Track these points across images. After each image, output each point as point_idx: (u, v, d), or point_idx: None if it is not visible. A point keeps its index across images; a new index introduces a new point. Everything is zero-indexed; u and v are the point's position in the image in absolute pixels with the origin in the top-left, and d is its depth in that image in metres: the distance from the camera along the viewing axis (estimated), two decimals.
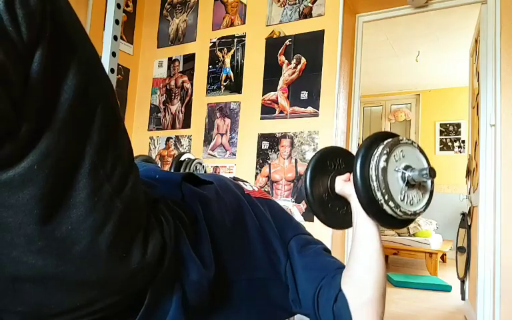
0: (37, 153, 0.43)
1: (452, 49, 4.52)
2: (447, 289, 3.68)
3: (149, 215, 0.60)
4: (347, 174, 0.87)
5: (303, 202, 2.57)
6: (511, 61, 2.23)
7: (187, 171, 1.24)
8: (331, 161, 0.90)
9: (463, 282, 2.98)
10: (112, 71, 1.90)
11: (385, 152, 0.73)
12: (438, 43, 4.39)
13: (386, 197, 0.71)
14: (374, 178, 0.72)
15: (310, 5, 2.74)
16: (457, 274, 3.08)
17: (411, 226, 4.68)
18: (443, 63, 4.95)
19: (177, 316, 0.61)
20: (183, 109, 3.20)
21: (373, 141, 0.76)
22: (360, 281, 0.75)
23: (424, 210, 0.75)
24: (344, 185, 0.86)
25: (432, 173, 0.73)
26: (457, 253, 3.12)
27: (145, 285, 0.58)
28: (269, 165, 2.74)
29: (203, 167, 1.31)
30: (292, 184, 2.64)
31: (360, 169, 0.73)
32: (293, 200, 2.61)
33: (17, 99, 0.40)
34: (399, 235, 4.69)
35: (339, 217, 0.89)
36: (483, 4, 2.42)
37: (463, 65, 4.53)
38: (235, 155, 2.90)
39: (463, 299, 2.98)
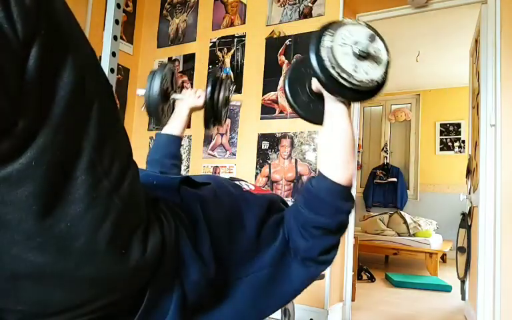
0: (34, 150, 0.43)
1: (452, 49, 4.52)
2: (447, 289, 3.68)
3: (148, 212, 0.60)
4: None
5: None
6: (511, 61, 2.23)
7: (223, 89, 1.25)
8: (306, 67, 0.97)
9: (463, 282, 2.98)
10: (112, 70, 1.90)
11: (330, 33, 0.82)
12: (438, 43, 4.39)
13: (338, 71, 0.79)
14: (326, 59, 0.80)
15: (310, 4, 2.74)
16: (457, 274, 3.08)
17: (411, 226, 4.68)
18: (443, 63, 4.95)
19: (176, 315, 0.61)
20: None
21: (321, 29, 0.84)
22: (329, 144, 0.86)
23: (383, 79, 0.82)
24: (316, 82, 0.92)
25: (375, 33, 0.83)
26: (457, 253, 3.12)
27: (144, 284, 0.58)
28: (269, 164, 2.74)
29: (233, 86, 1.34)
30: (292, 184, 2.64)
31: (314, 54, 0.81)
32: (293, 200, 2.61)
33: (14, 95, 0.41)
34: (399, 235, 4.69)
35: (321, 115, 0.97)
36: (483, 4, 2.42)
37: (463, 65, 4.52)
38: (234, 155, 2.90)
39: (463, 299, 2.98)
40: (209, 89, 1.24)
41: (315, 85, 0.94)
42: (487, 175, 2.27)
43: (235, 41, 3.02)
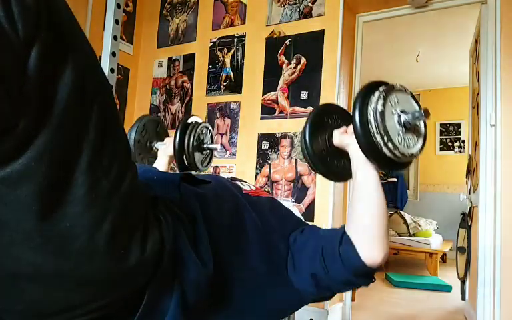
0: (34, 150, 0.43)
1: (452, 49, 4.51)
2: (447, 289, 3.68)
3: (147, 213, 0.60)
4: (344, 127, 0.91)
5: (303, 202, 2.57)
6: (511, 61, 2.23)
7: (193, 134, 1.24)
8: (328, 117, 0.95)
9: (463, 282, 2.98)
10: (112, 70, 1.90)
11: (382, 97, 0.76)
12: (438, 43, 4.39)
13: (385, 139, 0.74)
14: (372, 121, 0.75)
15: (310, 4, 2.74)
16: (457, 274, 3.08)
17: (411, 226, 4.68)
18: (443, 63, 4.95)
19: (176, 315, 0.61)
20: (183, 109, 3.20)
21: (368, 89, 0.79)
22: (362, 219, 0.78)
23: (420, 152, 0.79)
24: (341, 136, 0.89)
25: (426, 113, 0.78)
26: (457, 253, 3.12)
27: (144, 284, 0.58)
28: (269, 165, 2.74)
29: (210, 131, 1.31)
30: (292, 184, 2.64)
31: (359, 114, 0.76)
32: (293, 200, 2.61)
33: (14, 96, 0.41)
34: (399, 235, 4.69)
35: (337, 170, 0.94)
36: (483, 4, 2.42)
37: (463, 65, 4.52)
38: (234, 155, 2.90)
39: (463, 299, 2.98)
40: (177, 135, 1.23)
41: (338, 139, 0.89)
42: (486, 175, 2.27)
43: (235, 40, 3.02)
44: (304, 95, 2.66)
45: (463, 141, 5.79)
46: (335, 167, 0.93)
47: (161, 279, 0.60)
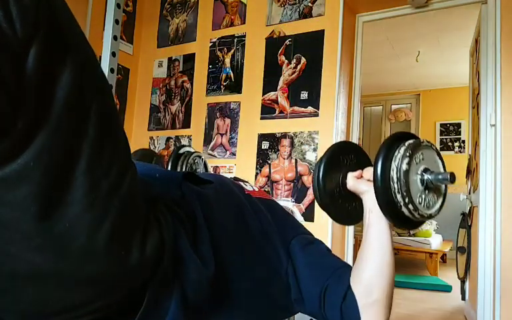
0: (32, 150, 0.43)
1: (452, 49, 4.52)
2: (447, 289, 3.68)
3: (147, 213, 0.60)
4: (359, 171, 0.86)
5: (303, 202, 2.57)
6: (511, 61, 2.23)
7: (185, 164, 1.24)
8: (344, 156, 0.89)
9: (463, 282, 2.98)
10: (112, 70, 1.90)
11: (407, 154, 0.71)
12: (438, 43, 4.39)
13: (406, 200, 0.70)
14: (395, 180, 0.70)
15: (310, 4, 2.74)
16: (457, 274, 3.08)
17: None
18: (443, 63, 4.95)
19: (176, 315, 0.61)
20: (183, 109, 3.20)
21: (394, 141, 0.74)
22: (370, 280, 0.75)
23: (438, 213, 0.74)
24: (357, 182, 0.85)
25: (452, 178, 0.72)
26: (457, 253, 3.12)
27: (144, 284, 0.58)
28: (269, 165, 2.74)
29: (202, 160, 1.31)
30: (292, 184, 2.64)
31: (381, 169, 0.72)
32: (293, 200, 2.61)
33: (13, 95, 0.40)
34: (399, 235, 4.69)
35: (347, 212, 0.89)
36: (483, 4, 2.42)
37: (463, 65, 4.53)
38: (234, 155, 2.90)
39: (463, 299, 2.98)
40: (168, 167, 1.23)
41: (353, 183, 0.84)
42: (486, 175, 2.27)
43: (235, 40, 3.02)
44: (304, 95, 2.66)
45: (463, 141, 5.79)
46: (345, 209, 0.88)
47: (161, 279, 0.60)
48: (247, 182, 1.00)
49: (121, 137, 0.56)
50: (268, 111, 2.80)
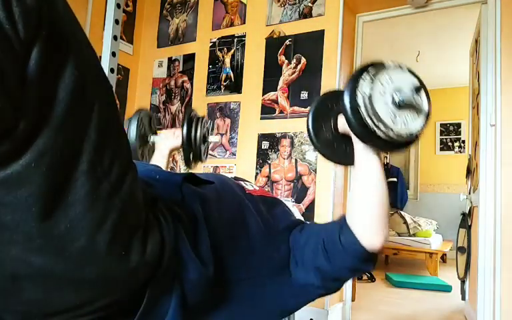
0: (34, 151, 0.43)
1: (452, 49, 4.52)
2: (447, 289, 3.68)
3: (148, 214, 0.60)
4: None
5: (303, 202, 2.57)
6: (511, 60, 2.23)
7: (199, 127, 1.27)
8: (332, 102, 0.92)
9: (463, 282, 2.98)
10: (112, 70, 1.90)
11: (370, 79, 0.75)
12: (438, 43, 4.39)
13: (375, 122, 0.73)
14: (362, 106, 0.73)
15: (310, 4, 2.74)
16: (457, 274, 3.08)
17: (411, 226, 4.68)
18: (443, 63, 4.95)
19: (176, 315, 0.61)
20: (183, 109, 3.20)
21: (358, 72, 0.77)
22: (361, 205, 0.79)
23: (421, 130, 0.76)
24: (345, 122, 0.87)
25: (421, 85, 0.76)
26: (457, 253, 3.12)
27: (144, 284, 0.58)
28: (269, 165, 2.74)
29: (210, 124, 1.35)
30: (292, 184, 2.64)
31: (349, 100, 0.75)
32: (292, 200, 2.61)
33: (14, 97, 0.40)
34: (399, 235, 4.69)
35: (347, 155, 0.91)
36: (483, 4, 2.42)
37: (463, 65, 4.52)
38: (234, 154, 2.90)
39: (463, 299, 2.98)
40: (185, 129, 1.25)
41: (342, 125, 0.88)
42: (486, 175, 2.27)
43: (235, 41, 3.02)
44: (304, 95, 2.66)
45: (463, 141, 5.79)
46: (344, 151, 0.91)
47: (161, 279, 0.60)
48: (247, 181, 1.00)
49: (122, 138, 0.56)
50: (268, 110, 2.80)
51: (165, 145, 1.35)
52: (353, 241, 0.77)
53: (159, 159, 1.32)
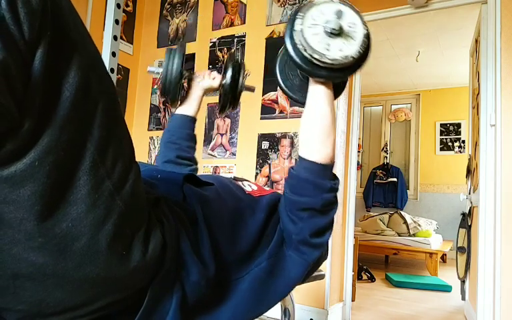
0: (38, 150, 0.43)
1: (452, 49, 4.52)
2: (447, 289, 3.68)
3: (149, 214, 0.60)
4: None
5: None
6: (511, 61, 2.23)
7: (242, 73, 1.25)
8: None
9: (463, 282, 2.98)
10: (112, 70, 1.90)
11: (300, 16, 0.82)
12: (438, 43, 4.39)
13: (310, 53, 0.79)
14: (298, 42, 0.80)
15: None
16: (457, 274, 3.08)
17: (411, 226, 4.68)
18: (443, 63, 4.96)
19: (176, 315, 0.61)
20: None
21: (293, 13, 0.84)
22: (304, 124, 0.85)
23: (360, 53, 0.82)
24: None
25: (341, 11, 0.83)
26: (457, 253, 3.12)
27: (145, 285, 0.58)
28: (269, 165, 2.74)
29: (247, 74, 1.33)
30: None
31: (289, 39, 0.82)
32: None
33: (20, 96, 0.41)
34: (399, 235, 4.69)
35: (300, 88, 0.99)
36: (483, 4, 2.42)
37: (463, 65, 4.53)
38: (234, 154, 2.90)
39: (463, 299, 2.98)
40: (230, 71, 1.23)
41: None
42: (487, 175, 2.27)
43: (235, 41, 3.02)
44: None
45: (463, 141, 5.80)
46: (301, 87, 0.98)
47: (162, 279, 0.60)
48: (246, 181, 1.00)
49: (125, 137, 0.56)
50: (268, 111, 2.80)
51: (200, 85, 1.29)
52: (301, 161, 0.81)
53: (192, 100, 1.28)
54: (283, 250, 0.82)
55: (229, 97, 1.25)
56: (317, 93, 0.85)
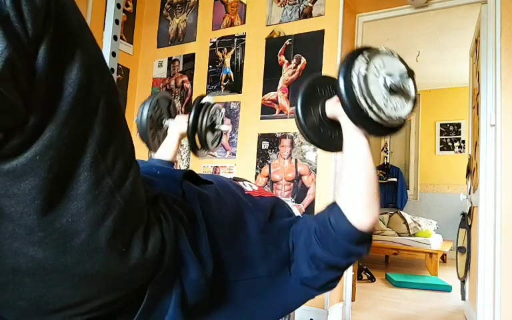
0: (39, 144, 0.44)
1: (452, 49, 4.52)
2: (447, 289, 3.68)
3: (149, 212, 0.60)
4: (336, 97, 0.89)
5: (303, 202, 2.57)
6: (511, 61, 2.23)
7: (206, 113, 1.23)
8: (321, 88, 0.94)
9: (463, 282, 2.98)
10: (112, 70, 1.90)
11: (364, 61, 0.76)
12: (438, 43, 4.39)
13: (369, 102, 0.74)
14: (356, 86, 0.74)
15: (310, 4, 2.74)
16: (457, 274, 3.08)
17: (411, 226, 4.68)
18: (443, 63, 4.96)
19: (176, 314, 0.62)
20: (183, 109, 3.20)
21: (353, 53, 0.79)
22: (348, 185, 0.79)
23: (409, 115, 0.78)
24: (333, 106, 0.89)
25: (410, 73, 0.78)
26: (457, 253, 3.12)
27: (144, 282, 0.58)
28: (269, 165, 2.74)
29: (222, 113, 1.31)
30: (292, 184, 2.64)
31: (343, 80, 0.76)
32: (292, 200, 2.61)
33: (25, 92, 0.42)
34: (399, 235, 4.69)
35: (331, 141, 0.93)
36: (483, 4, 2.42)
37: (463, 65, 4.53)
38: (234, 154, 2.90)
39: (463, 299, 2.98)
40: (191, 113, 1.23)
41: (330, 110, 0.89)
42: (486, 175, 2.27)
43: (235, 41, 3.02)
44: None
45: (463, 141, 5.79)
46: (329, 137, 0.93)
47: (161, 277, 0.60)
48: (246, 181, 1.00)
49: (126, 135, 0.57)
50: (268, 111, 2.80)
51: (175, 130, 1.31)
52: (342, 220, 0.76)
53: (169, 144, 1.29)
54: (287, 275, 0.83)
55: (192, 140, 1.24)
56: (362, 145, 0.80)
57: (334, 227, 0.77)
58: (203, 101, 1.27)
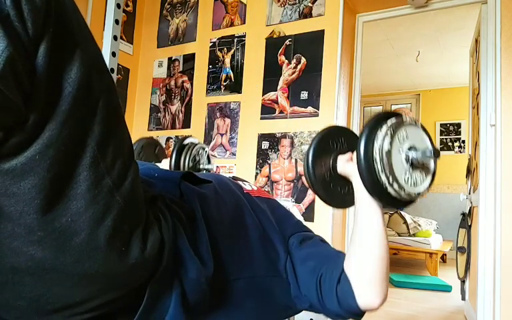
0: (39, 144, 0.44)
1: (452, 49, 4.52)
2: (447, 289, 3.68)
3: (148, 212, 0.60)
4: (349, 153, 0.87)
5: (303, 202, 2.57)
6: (511, 61, 2.23)
7: (189, 154, 1.23)
8: (333, 140, 0.90)
9: (463, 282, 2.98)
10: (112, 70, 1.90)
11: (389, 133, 0.71)
12: (438, 43, 4.39)
13: (390, 180, 0.70)
14: (378, 160, 0.70)
15: (310, 4, 2.74)
16: (457, 274, 3.08)
17: (411, 226, 4.68)
18: (443, 63, 4.96)
19: (176, 314, 0.62)
20: (183, 109, 3.20)
21: (376, 122, 0.74)
22: (362, 260, 0.75)
23: (427, 190, 0.74)
24: (346, 165, 0.86)
25: (436, 152, 0.73)
26: (457, 253, 3.12)
27: (144, 282, 0.58)
28: (269, 165, 2.74)
29: (206, 152, 1.30)
30: (292, 184, 2.64)
31: (364, 151, 0.72)
32: (292, 200, 2.61)
33: (26, 91, 0.42)
34: (399, 235, 4.69)
35: (340, 196, 0.89)
36: (483, 4, 2.42)
37: (463, 65, 4.53)
38: (234, 154, 2.90)
39: (463, 299, 2.98)
40: (172, 155, 1.22)
41: (342, 167, 0.86)
42: (486, 175, 2.27)
43: (235, 41, 3.02)
44: (304, 95, 2.66)
45: (463, 141, 5.79)
46: (338, 193, 0.88)
47: (160, 277, 0.60)
48: (246, 181, 1.00)
49: (125, 135, 0.57)
50: (268, 111, 2.80)
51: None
52: (349, 297, 0.74)
53: None
54: (284, 276, 0.83)
55: None
56: (377, 221, 0.76)
57: (339, 298, 0.75)
58: (186, 141, 1.26)
